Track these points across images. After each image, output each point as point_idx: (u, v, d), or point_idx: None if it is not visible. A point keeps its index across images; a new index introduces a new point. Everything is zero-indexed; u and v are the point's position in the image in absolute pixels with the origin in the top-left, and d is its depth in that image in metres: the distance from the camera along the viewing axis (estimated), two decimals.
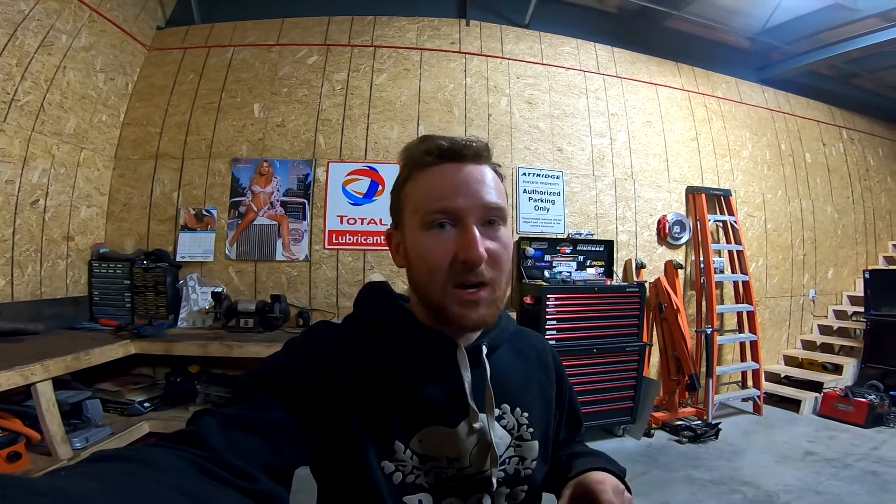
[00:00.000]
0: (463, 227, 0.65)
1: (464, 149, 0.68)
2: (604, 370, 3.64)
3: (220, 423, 0.54)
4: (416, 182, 0.69)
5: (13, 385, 2.02)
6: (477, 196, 0.66)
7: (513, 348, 0.82)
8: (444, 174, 0.68)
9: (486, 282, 0.66)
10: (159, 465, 0.43)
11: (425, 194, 0.67)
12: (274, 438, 0.56)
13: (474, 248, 0.64)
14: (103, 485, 0.36)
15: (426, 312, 0.72)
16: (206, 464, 0.47)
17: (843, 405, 4.13)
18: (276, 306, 3.41)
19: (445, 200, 0.66)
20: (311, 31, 4.15)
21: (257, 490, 0.49)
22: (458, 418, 0.69)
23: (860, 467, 3.22)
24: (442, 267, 0.65)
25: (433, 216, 0.66)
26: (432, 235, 0.66)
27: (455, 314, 0.66)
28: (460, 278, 0.65)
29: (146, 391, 3.07)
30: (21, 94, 2.92)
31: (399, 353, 0.71)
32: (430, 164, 0.69)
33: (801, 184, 5.43)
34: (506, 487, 0.72)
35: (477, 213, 0.66)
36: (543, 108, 4.35)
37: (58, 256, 3.27)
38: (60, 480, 0.36)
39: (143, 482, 0.39)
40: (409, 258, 0.71)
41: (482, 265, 0.65)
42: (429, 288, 0.67)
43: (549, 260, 4.05)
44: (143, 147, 3.83)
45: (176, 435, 0.52)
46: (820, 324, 5.35)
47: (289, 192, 3.86)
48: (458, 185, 0.66)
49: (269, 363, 0.67)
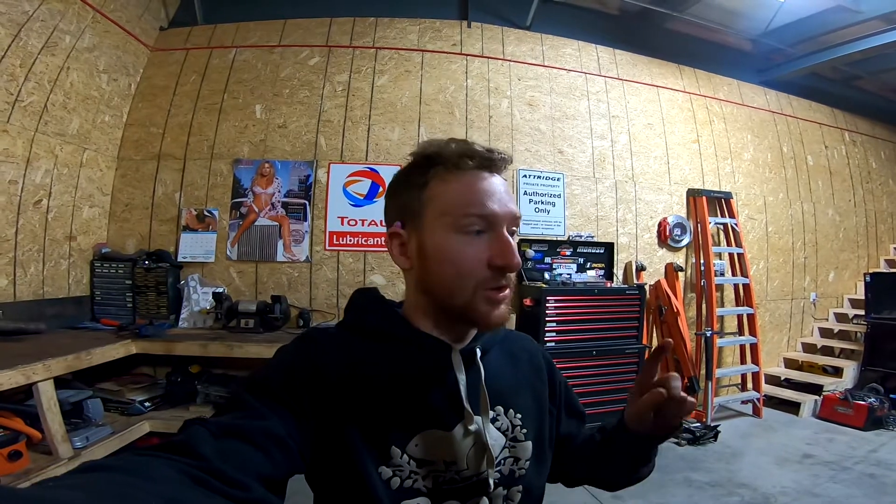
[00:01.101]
0: (498, 235, 0.68)
1: (500, 161, 0.71)
2: (603, 372, 3.65)
3: (212, 431, 0.53)
4: (449, 184, 0.69)
5: (15, 384, 2.04)
6: (506, 205, 0.69)
7: (503, 351, 0.82)
8: (481, 181, 0.69)
9: (510, 285, 0.70)
10: (149, 475, 0.43)
11: (462, 198, 0.68)
12: (267, 446, 0.56)
13: (513, 255, 0.67)
14: (92, 495, 0.36)
15: (427, 316, 0.73)
16: (197, 472, 0.46)
17: (843, 408, 4.13)
18: (277, 307, 3.42)
19: (484, 207, 0.68)
20: (312, 32, 4.16)
21: (250, 499, 0.49)
22: (453, 421, 0.70)
23: (858, 470, 3.22)
24: (475, 271, 0.67)
25: (470, 220, 0.67)
26: (467, 240, 0.68)
27: (483, 313, 0.68)
28: (493, 283, 0.68)
29: (147, 391, 3.09)
30: (25, 94, 2.94)
31: (393, 357, 0.71)
32: (468, 168, 0.70)
33: (803, 186, 5.43)
34: (502, 489, 0.73)
35: (507, 221, 0.69)
36: (544, 110, 4.36)
37: (60, 256, 3.29)
38: (49, 491, 0.36)
39: (132, 492, 0.39)
40: (426, 260, 0.70)
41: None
42: (455, 290, 0.68)
43: (550, 262, 4.07)
44: (146, 148, 3.85)
45: (166, 444, 0.51)
46: (821, 326, 5.34)
47: (290, 193, 3.87)
48: (494, 193, 0.69)
49: (262, 370, 0.67)
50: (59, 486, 0.37)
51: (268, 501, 0.52)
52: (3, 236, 2.87)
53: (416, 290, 0.75)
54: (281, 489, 0.58)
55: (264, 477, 0.53)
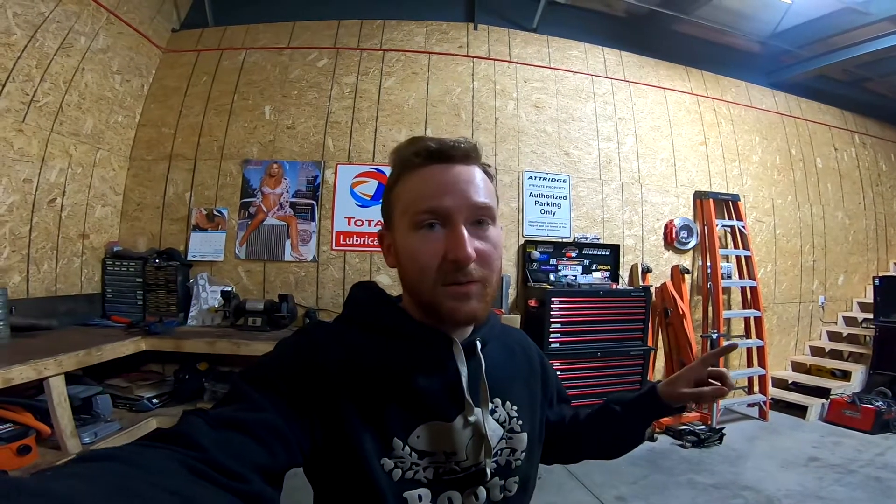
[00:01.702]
0: (451, 227, 0.67)
1: (452, 150, 0.69)
2: (607, 374, 3.64)
3: (210, 422, 0.53)
4: (405, 183, 0.71)
5: (26, 379, 2.07)
6: (465, 196, 0.67)
7: (501, 344, 0.83)
8: (433, 175, 0.69)
9: (475, 280, 0.67)
10: (147, 465, 0.43)
11: (414, 195, 0.68)
12: (266, 438, 0.55)
13: (462, 247, 0.65)
14: (90, 485, 0.36)
15: (419, 310, 0.73)
16: (196, 463, 0.46)
17: (850, 411, 4.10)
18: (284, 306, 3.46)
19: (433, 200, 0.67)
20: (321, 34, 4.21)
21: (248, 491, 0.49)
22: (454, 413, 0.71)
23: (864, 473, 3.20)
24: (432, 266, 0.66)
25: (421, 216, 0.67)
26: (421, 235, 0.67)
27: (448, 309, 0.67)
28: (450, 277, 0.66)
29: (155, 387, 3.14)
30: (41, 94, 3.01)
31: (393, 350, 0.72)
32: (419, 166, 0.69)
33: (812, 189, 5.39)
34: (499, 479, 0.74)
35: (465, 212, 0.67)
36: (550, 112, 4.37)
37: (73, 254, 3.35)
38: (47, 481, 0.35)
39: (130, 482, 0.39)
40: (399, 258, 0.72)
41: (472, 264, 0.66)
42: (420, 287, 0.69)
43: (555, 263, 4.07)
44: (157, 148, 3.91)
45: (164, 434, 0.50)
46: (829, 330, 5.30)
47: (298, 194, 3.91)
48: (446, 185, 0.67)
49: (262, 363, 0.67)
50: (60, 476, 0.37)
51: (265, 493, 0.51)
52: (17, 234, 2.93)
53: (402, 287, 0.77)
54: (279, 481, 0.58)
55: (263, 469, 0.53)
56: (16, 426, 2.19)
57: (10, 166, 2.85)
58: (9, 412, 2.20)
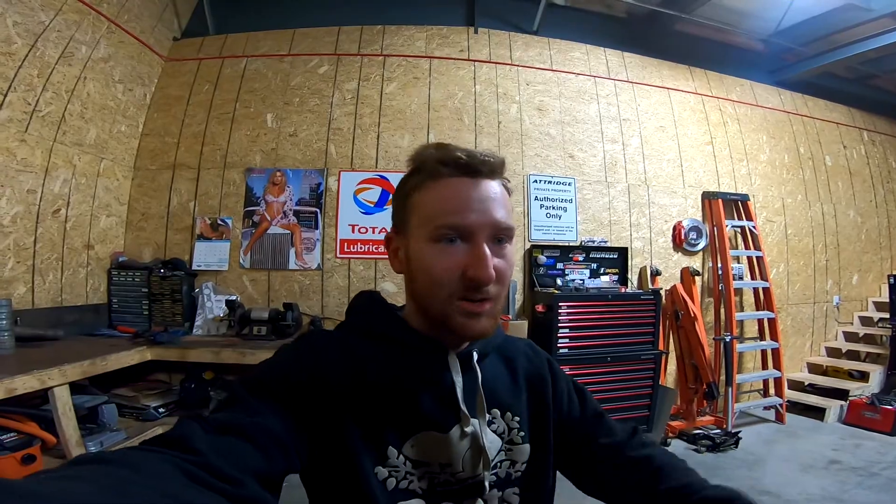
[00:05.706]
0: (474, 245, 0.65)
1: (481, 164, 0.67)
2: (618, 378, 3.58)
3: (207, 427, 0.53)
4: (428, 192, 0.68)
5: (29, 389, 2.06)
6: (488, 213, 0.66)
7: (501, 356, 0.82)
8: (458, 188, 0.67)
9: (490, 298, 0.66)
10: (142, 469, 0.42)
11: (437, 207, 0.66)
12: (263, 443, 0.55)
13: (486, 267, 0.64)
14: (85, 488, 0.36)
15: (422, 320, 0.73)
16: (192, 468, 0.46)
17: (870, 413, 4.00)
18: (289, 314, 3.43)
19: (457, 217, 0.65)
20: (321, 41, 4.22)
21: (244, 495, 0.48)
22: (450, 423, 0.70)
23: (886, 475, 3.11)
24: (447, 281, 0.65)
25: (443, 231, 0.65)
26: (440, 248, 0.66)
27: (459, 324, 0.66)
28: (467, 294, 0.65)
29: (161, 397, 3.12)
30: (42, 104, 3.01)
31: (391, 359, 0.71)
32: (445, 176, 0.67)
33: (822, 187, 5.31)
34: (497, 490, 0.73)
35: (487, 230, 0.66)
36: (554, 115, 4.34)
37: (78, 265, 3.34)
38: (38, 483, 0.35)
39: (125, 486, 0.38)
40: (410, 267, 0.71)
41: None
42: (430, 299, 0.68)
43: (562, 268, 4.01)
44: (161, 157, 3.92)
45: (160, 438, 0.50)
46: (845, 330, 5.19)
47: (301, 202, 3.90)
48: (471, 201, 0.66)
49: (261, 369, 0.67)
50: (54, 479, 0.37)
51: (262, 498, 0.51)
52: (22, 245, 2.92)
53: (408, 294, 0.75)
54: (276, 487, 0.57)
55: (259, 474, 0.53)
56: (20, 435, 2.17)
57: (13, 177, 2.85)
58: (13, 421, 2.19)
